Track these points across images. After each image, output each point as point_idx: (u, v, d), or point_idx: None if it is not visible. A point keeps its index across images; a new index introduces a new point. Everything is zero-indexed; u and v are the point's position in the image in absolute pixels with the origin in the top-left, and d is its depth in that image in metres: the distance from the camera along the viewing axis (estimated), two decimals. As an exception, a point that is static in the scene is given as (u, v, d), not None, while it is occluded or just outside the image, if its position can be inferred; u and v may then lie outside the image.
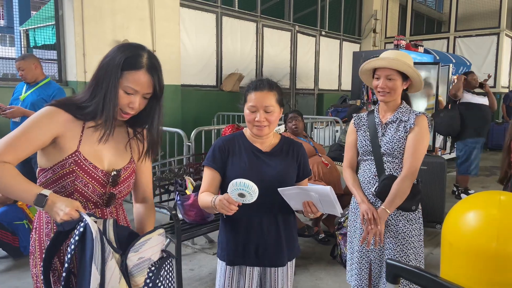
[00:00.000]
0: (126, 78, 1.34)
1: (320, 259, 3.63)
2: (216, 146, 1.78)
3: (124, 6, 5.87)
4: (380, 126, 2.12)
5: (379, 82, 2.05)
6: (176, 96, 6.71)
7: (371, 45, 11.31)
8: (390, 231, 2.08)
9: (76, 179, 1.34)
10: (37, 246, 1.41)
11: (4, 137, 1.30)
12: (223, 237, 1.81)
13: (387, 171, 2.06)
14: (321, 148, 4.24)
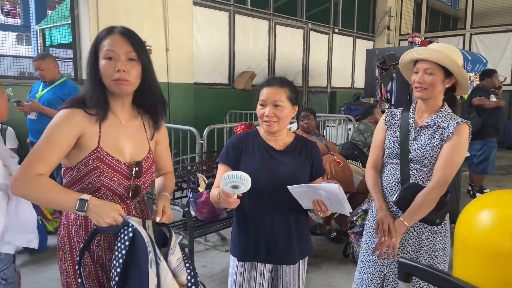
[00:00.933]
0: (102, 46, 1.37)
1: (332, 257, 3.62)
2: (230, 144, 1.80)
3: (138, 5, 5.92)
4: (414, 128, 1.88)
5: (416, 77, 1.82)
6: (188, 95, 6.75)
7: (385, 42, 11.19)
8: (411, 245, 1.88)
9: (101, 174, 1.36)
10: (66, 242, 1.43)
11: (31, 151, 1.33)
12: (235, 233, 1.83)
13: (412, 179, 1.84)
14: (333, 147, 4.22)
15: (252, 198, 1.73)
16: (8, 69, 5.30)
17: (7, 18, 8.93)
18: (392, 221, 1.82)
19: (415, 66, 1.86)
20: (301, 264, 1.85)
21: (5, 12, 9.12)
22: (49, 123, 1.36)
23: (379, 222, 1.84)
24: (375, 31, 11.40)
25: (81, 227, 1.42)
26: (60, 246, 1.46)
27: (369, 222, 2.07)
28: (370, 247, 2.01)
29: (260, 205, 1.74)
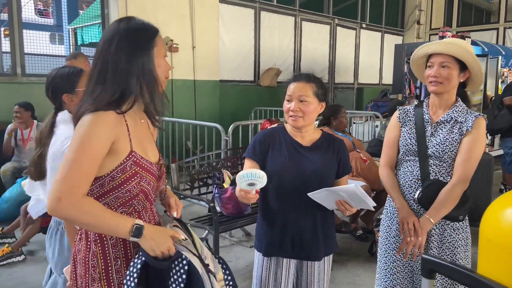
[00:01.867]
0: (159, 43, 1.29)
1: (357, 255, 3.59)
2: (257, 139, 1.81)
3: (166, 3, 6.02)
4: (430, 124, 1.85)
5: (431, 71, 1.78)
6: (214, 92, 6.81)
7: (414, 37, 10.92)
8: (434, 241, 1.85)
9: (141, 180, 1.25)
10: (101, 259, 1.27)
11: (66, 163, 1.15)
12: (260, 229, 1.84)
13: (432, 176, 1.82)
14: (359, 144, 4.17)
15: (278, 194, 1.75)
16: (42, 68, 5.51)
17: (40, 18, 9.24)
18: (416, 219, 1.78)
19: (428, 60, 1.83)
20: (326, 260, 1.85)
21: (39, 12, 9.44)
22: (80, 129, 1.19)
23: (403, 222, 1.80)
24: (404, 26, 11.14)
25: (118, 240, 1.27)
26: (92, 264, 1.27)
27: (385, 222, 2.02)
28: (391, 247, 1.96)
29: (286, 201, 1.74)
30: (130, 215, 1.29)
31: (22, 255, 3.32)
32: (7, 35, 5.21)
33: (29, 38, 5.35)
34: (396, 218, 1.93)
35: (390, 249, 1.96)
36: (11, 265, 3.22)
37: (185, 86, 6.42)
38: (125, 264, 1.28)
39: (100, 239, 1.27)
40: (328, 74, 9.24)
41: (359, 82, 10.06)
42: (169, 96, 6.34)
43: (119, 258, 1.28)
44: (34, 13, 8.93)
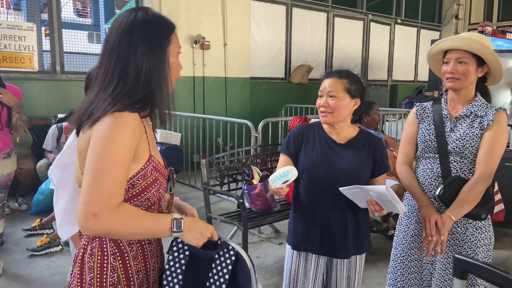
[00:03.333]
0: (174, 41, 1.18)
1: (388, 256, 3.47)
2: (292, 134, 1.83)
3: (198, 1, 6.09)
4: (449, 120, 1.82)
5: (448, 67, 1.76)
6: (245, 89, 6.84)
7: (452, 32, 10.52)
8: (455, 239, 1.81)
9: (160, 186, 1.18)
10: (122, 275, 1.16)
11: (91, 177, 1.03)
12: (291, 222, 1.86)
13: (453, 173, 1.78)
14: (392, 142, 4.07)
15: (309, 189, 1.75)
16: (80, 66, 5.71)
17: (79, 18, 9.57)
18: (439, 216, 1.72)
19: (445, 56, 1.80)
20: (358, 260, 1.83)
21: (77, 12, 9.77)
22: (103, 132, 1.06)
23: (425, 219, 1.75)
24: (441, 21, 10.76)
25: (138, 252, 1.18)
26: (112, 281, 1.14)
27: (403, 220, 1.97)
28: (408, 247, 1.92)
29: (316, 197, 1.74)
30: None
31: (59, 245, 3.46)
32: (47, 35, 5.43)
33: (68, 37, 5.56)
34: (415, 217, 1.90)
35: (407, 248, 1.92)
36: (49, 255, 3.36)
37: (216, 83, 6.48)
38: (145, 276, 1.20)
39: (120, 252, 1.15)
40: (361, 71, 9.07)
41: (393, 79, 9.82)
42: (201, 93, 6.48)
43: (141, 271, 1.19)
44: (73, 13, 9.26)
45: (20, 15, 6.48)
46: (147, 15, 1.14)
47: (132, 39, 1.11)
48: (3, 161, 2.95)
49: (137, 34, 1.11)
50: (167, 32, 1.16)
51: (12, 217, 4.21)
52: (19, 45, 4.88)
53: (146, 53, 1.11)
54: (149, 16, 1.15)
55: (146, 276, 1.21)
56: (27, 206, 4.46)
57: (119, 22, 1.14)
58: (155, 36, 1.14)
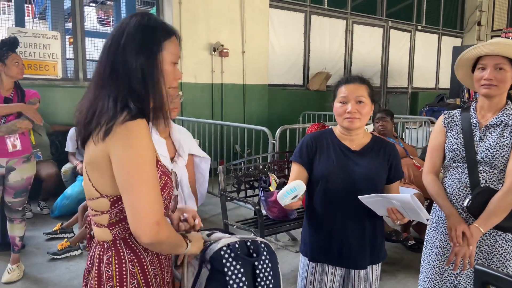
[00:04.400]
0: (169, 48, 1.16)
1: (408, 266, 3.43)
2: (304, 142, 1.79)
3: (217, 9, 6.16)
4: (478, 128, 1.77)
5: (484, 73, 1.69)
6: (263, 96, 6.85)
7: (475, 39, 10.33)
8: (483, 252, 1.75)
9: (170, 190, 1.20)
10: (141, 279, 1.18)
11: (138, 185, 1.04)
12: (306, 233, 1.82)
13: (482, 183, 1.73)
14: (412, 150, 4.00)
15: (325, 199, 1.71)
16: (102, 73, 5.82)
17: (101, 26, 9.79)
18: (467, 227, 1.68)
19: (479, 62, 1.73)
20: (374, 269, 1.79)
21: (100, 21, 10.01)
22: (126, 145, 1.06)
23: (451, 229, 1.71)
24: (463, 28, 10.58)
25: (153, 257, 1.21)
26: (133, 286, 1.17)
27: (430, 232, 1.93)
28: (434, 258, 1.87)
29: (334, 206, 1.70)
30: None
31: (79, 249, 3.51)
32: (71, 43, 5.57)
33: (91, 45, 5.69)
34: (442, 228, 1.84)
35: (433, 260, 1.87)
36: (68, 259, 3.42)
37: (235, 90, 6.52)
38: (161, 279, 1.23)
39: (137, 258, 1.17)
40: (380, 78, 8.98)
41: (413, 86, 9.68)
42: (219, 100, 6.52)
43: (158, 275, 1.21)
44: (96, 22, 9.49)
45: (45, 24, 6.68)
46: (142, 20, 1.14)
47: (121, 41, 1.11)
48: (23, 165, 3.02)
49: (126, 38, 1.11)
50: (158, 37, 1.14)
51: (33, 221, 4.30)
52: (44, 53, 5.02)
53: (134, 56, 1.10)
54: (142, 21, 1.14)
55: (163, 279, 1.23)
56: (49, 210, 4.56)
57: (115, 27, 1.18)
58: (143, 40, 1.12)
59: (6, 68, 2.88)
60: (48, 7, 5.83)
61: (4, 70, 2.88)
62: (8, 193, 3.02)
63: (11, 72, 2.90)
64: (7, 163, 2.95)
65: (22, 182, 3.02)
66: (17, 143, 2.95)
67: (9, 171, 2.97)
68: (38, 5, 8.94)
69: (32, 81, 5.00)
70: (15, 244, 3.11)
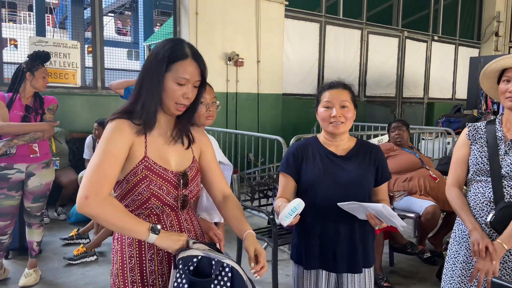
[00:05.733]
0: (176, 70, 1.34)
1: (424, 280, 3.37)
2: (290, 152, 1.80)
3: (233, 19, 6.23)
4: (503, 142, 1.74)
5: (509, 85, 1.68)
6: (277, 105, 6.87)
7: (492, 49, 10.20)
8: (507, 268, 1.71)
9: (150, 183, 1.34)
10: (119, 256, 1.41)
11: (88, 169, 1.29)
12: (298, 241, 1.81)
13: (507, 198, 1.69)
14: (428, 161, 3.95)
15: (315, 206, 1.71)
16: (119, 81, 5.93)
17: (119, 36, 9.99)
18: (490, 241, 1.65)
19: (504, 74, 1.72)
20: (367, 273, 1.78)
21: (118, 31, 10.21)
22: (103, 136, 1.35)
23: (474, 243, 1.68)
24: (480, 38, 10.47)
25: (134, 240, 1.39)
26: (114, 260, 1.44)
27: (453, 246, 1.89)
28: (457, 274, 1.83)
29: (324, 213, 1.71)
30: (149, 217, 1.39)
31: (94, 255, 3.55)
32: (90, 52, 5.69)
33: (109, 54, 5.81)
34: (465, 243, 1.80)
35: (456, 275, 1.83)
36: (84, 265, 3.46)
37: (249, 99, 6.55)
38: (138, 264, 1.38)
39: (120, 238, 1.41)
40: (396, 88, 8.93)
41: (429, 96, 9.59)
42: (233, 109, 6.56)
43: (133, 257, 1.39)
44: (114, 32, 9.68)
45: (65, 33, 6.85)
46: (161, 46, 1.38)
47: (144, 63, 1.42)
48: (42, 171, 3.09)
49: (146, 60, 1.41)
50: (168, 60, 1.35)
51: (50, 226, 4.37)
52: (64, 62, 5.14)
53: (143, 74, 1.38)
54: (160, 47, 1.38)
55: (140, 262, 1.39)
56: (66, 216, 4.63)
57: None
58: (153, 61, 1.36)
59: (34, 80, 2.98)
60: (68, 17, 5.99)
61: (31, 81, 2.98)
62: (27, 198, 3.08)
63: (37, 84, 3.00)
64: (27, 168, 3.02)
65: (41, 188, 3.08)
66: (36, 149, 3.02)
67: (29, 176, 3.03)
68: (58, 15, 9.17)
69: (52, 89, 5.12)
70: (33, 249, 3.17)
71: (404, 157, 3.73)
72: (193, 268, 1.23)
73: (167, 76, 1.34)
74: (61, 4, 8.85)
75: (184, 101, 1.36)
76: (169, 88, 1.34)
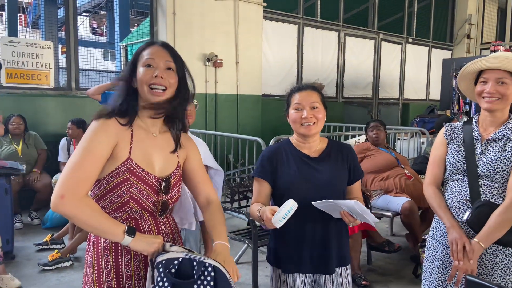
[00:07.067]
0: (142, 56, 1.37)
1: (401, 277, 3.44)
2: (264, 157, 1.79)
3: (211, 21, 6.20)
4: (480, 142, 1.76)
5: (486, 86, 1.70)
6: (256, 106, 6.88)
7: (464, 51, 10.51)
8: (484, 267, 1.73)
9: (131, 186, 1.31)
10: (94, 260, 1.38)
11: (66, 167, 1.25)
12: (276, 244, 1.81)
13: (483, 197, 1.71)
14: (404, 160, 4.03)
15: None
16: (95, 83, 5.82)
17: (94, 36, 9.79)
18: (468, 240, 1.68)
19: (481, 75, 1.74)
20: (343, 272, 1.79)
21: (93, 31, 10.01)
22: (85, 134, 1.31)
23: (452, 242, 1.69)
24: (453, 40, 10.77)
25: (110, 244, 1.36)
26: (89, 264, 1.40)
27: (430, 244, 1.91)
28: (435, 271, 1.86)
29: (301, 215, 1.69)
30: (126, 221, 1.35)
31: (70, 260, 3.46)
32: (64, 52, 5.56)
33: (84, 54, 5.69)
34: (443, 241, 1.83)
35: (434, 273, 1.85)
36: (59, 270, 3.37)
37: (228, 100, 6.54)
38: (114, 269, 1.35)
39: (96, 241, 1.37)
40: (372, 89, 9.08)
41: (404, 97, 9.80)
42: (213, 110, 6.52)
43: (109, 262, 1.35)
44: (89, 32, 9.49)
45: (38, 33, 6.68)
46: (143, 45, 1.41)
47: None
48: None
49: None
50: (136, 54, 1.39)
51: (24, 232, 4.25)
52: (37, 63, 5.01)
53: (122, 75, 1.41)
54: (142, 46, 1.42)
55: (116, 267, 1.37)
56: (40, 220, 4.51)
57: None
58: (131, 60, 1.40)
59: None
60: (42, 16, 5.84)
61: None
62: None
63: None
64: None
65: None
66: None
67: None
68: (31, 14, 8.93)
69: (24, 90, 4.98)
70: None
71: (381, 156, 3.80)
72: (175, 271, 1.21)
73: (138, 66, 1.36)
74: (34, 4, 8.63)
75: (156, 80, 1.33)
76: (139, 73, 1.35)
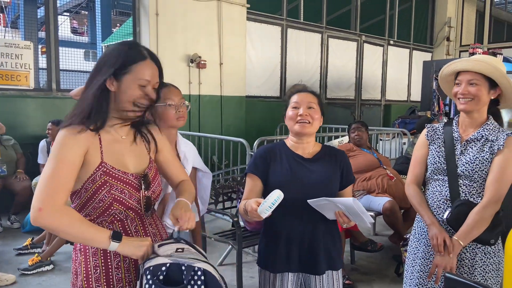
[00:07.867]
0: (136, 72, 1.33)
1: (384, 276, 3.49)
2: (258, 154, 1.81)
3: (195, 21, 6.18)
4: (459, 143, 1.81)
5: (459, 88, 1.76)
6: (240, 107, 6.88)
7: (444, 53, 10.74)
8: (464, 266, 1.78)
9: (111, 188, 1.31)
10: (83, 267, 1.36)
11: (41, 179, 1.25)
12: (265, 245, 1.81)
13: (462, 196, 1.76)
14: (386, 160, 4.09)
15: (283, 208, 1.68)
16: (76, 84, 5.72)
17: (75, 36, 9.64)
18: (447, 235, 1.72)
19: (456, 78, 1.80)
20: (334, 276, 1.80)
21: (74, 31, 9.85)
22: (55, 144, 1.29)
23: (433, 238, 1.74)
24: (433, 43, 10.99)
25: (98, 249, 1.35)
26: (78, 272, 1.37)
27: (412, 243, 1.95)
28: (417, 269, 1.89)
29: (292, 215, 1.72)
30: (112, 224, 1.35)
31: (50, 264, 3.40)
32: (44, 52, 5.46)
33: (65, 55, 5.59)
34: (424, 239, 1.87)
35: (416, 271, 1.89)
36: (40, 274, 3.31)
37: (212, 101, 6.53)
38: (104, 273, 1.34)
39: (83, 248, 1.36)
40: (354, 91, 9.19)
41: (386, 98, 9.94)
42: (196, 111, 6.50)
43: (98, 267, 1.35)
44: (70, 32, 9.33)
45: (18, 33, 6.54)
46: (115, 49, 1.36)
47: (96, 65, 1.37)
48: None
49: (97, 62, 1.38)
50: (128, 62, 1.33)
51: (3, 236, 4.15)
52: (16, 63, 4.90)
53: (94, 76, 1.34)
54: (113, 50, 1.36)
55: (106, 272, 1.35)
56: (19, 224, 4.41)
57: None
58: (108, 64, 1.33)
59: None
60: (21, 16, 5.72)
61: None
62: None
63: None
64: None
65: None
66: None
67: None
68: (10, 13, 8.74)
69: (3, 91, 4.87)
70: None
71: (363, 157, 3.85)
72: (163, 277, 1.19)
73: (126, 78, 1.32)
74: (13, 3, 8.45)
75: (144, 101, 1.35)
76: (128, 88, 1.32)
